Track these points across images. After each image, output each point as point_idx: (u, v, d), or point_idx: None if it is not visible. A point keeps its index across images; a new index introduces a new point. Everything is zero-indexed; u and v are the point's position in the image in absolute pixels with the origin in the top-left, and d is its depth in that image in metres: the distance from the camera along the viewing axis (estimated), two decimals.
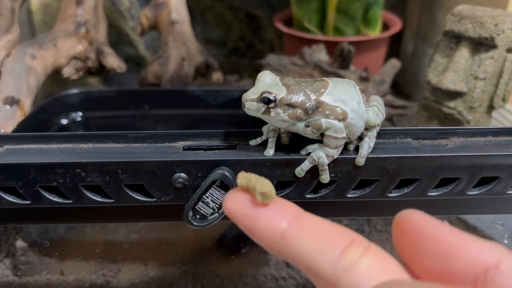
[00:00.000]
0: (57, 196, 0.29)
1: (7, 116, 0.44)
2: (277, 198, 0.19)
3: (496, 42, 0.42)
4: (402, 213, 0.18)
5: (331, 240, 0.18)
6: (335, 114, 0.26)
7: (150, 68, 0.64)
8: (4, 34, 0.46)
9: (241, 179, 0.19)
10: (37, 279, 0.39)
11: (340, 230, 0.18)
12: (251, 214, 0.19)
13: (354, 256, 0.17)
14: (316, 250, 0.17)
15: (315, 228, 0.18)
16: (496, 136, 0.30)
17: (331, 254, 0.17)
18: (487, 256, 0.16)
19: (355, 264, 0.17)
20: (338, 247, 0.17)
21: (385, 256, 0.17)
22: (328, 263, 0.17)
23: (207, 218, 0.28)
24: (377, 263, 0.17)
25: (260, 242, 0.19)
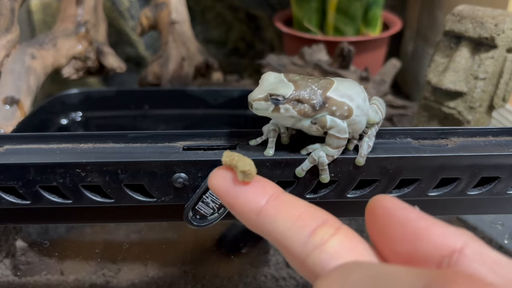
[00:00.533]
0: (57, 196, 0.29)
1: (7, 116, 0.44)
2: (258, 177, 0.20)
3: (496, 42, 0.42)
4: (374, 198, 0.19)
5: (303, 219, 0.18)
6: (341, 110, 0.26)
7: (150, 68, 0.64)
8: (4, 34, 0.46)
9: (225, 157, 0.20)
10: (37, 279, 0.39)
11: (314, 211, 0.19)
12: (232, 191, 0.20)
13: (324, 236, 0.18)
14: (288, 228, 0.18)
15: (291, 208, 0.19)
16: (496, 136, 0.30)
17: (302, 233, 0.18)
18: (453, 240, 0.16)
19: (324, 243, 0.17)
20: (310, 226, 0.18)
21: (355, 238, 0.18)
22: (299, 241, 0.18)
23: (207, 218, 0.28)
24: (345, 244, 0.18)
25: (239, 217, 0.20)
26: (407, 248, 0.17)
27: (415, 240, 0.17)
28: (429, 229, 0.17)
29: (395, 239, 0.17)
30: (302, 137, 0.29)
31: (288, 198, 0.20)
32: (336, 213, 0.19)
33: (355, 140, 0.28)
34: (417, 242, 0.17)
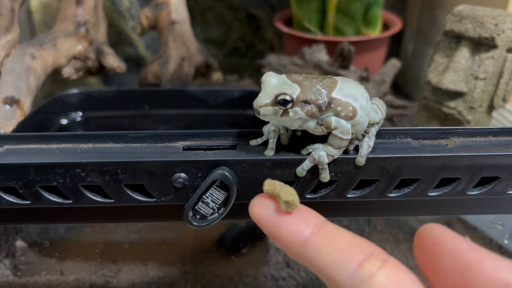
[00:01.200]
0: (57, 196, 0.29)
1: (7, 116, 0.44)
2: (301, 206, 0.20)
3: (496, 42, 0.42)
4: (423, 226, 0.18)
5: (350, 251, 0.18)
6: (346, 111, 0.26)
7: (150, 68, 0.64)
8: (4, 34, 0.46)
9: (267, 186, 0.20)
10: (37, 279, 0.39)
11: (360, 242, 0.19)
12: (275, 221, 0.20)
13: (371, 269, 0.17)
14: (335, 261, 0.18)
15: (336, 239, 0.19)
16: (496, 136, 0.30)
17: (349, 266, 0.18)
18: (506, 273, 0.16)
19: (372, 277, 0.17)
20: (357, 259, 0.18)
21: (403, 270, 0.18)
22: (345, 274, 0.18)
23: (207, 218, 0.28)
24: (393, 277, 0.17)
25: (282, 247, 0.20)
26: (458, 279, 0.17)
27: (466, 271, 0.16)
28: (481, 260, 0.16)
29: (445, 270, 0.17)
30: (302, 137, 0.28)
31: (332, 229, 0.19)
32: (336, 213, 0.19)
33: (356, 140, 0.28)
34: (468, 274, 0.16)
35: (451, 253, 0.17)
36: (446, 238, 0.17)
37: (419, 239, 0.18)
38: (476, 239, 0.42)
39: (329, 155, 0.27)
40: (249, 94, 0.54)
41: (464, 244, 0.17)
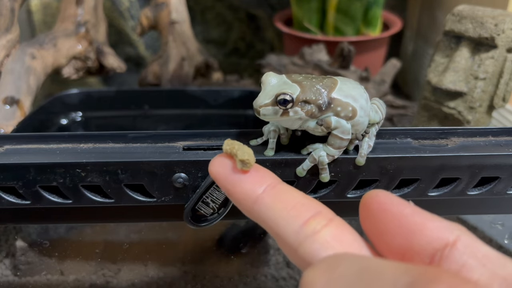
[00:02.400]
0: (57, 196, 0.29)
1: (7, 116, 0.44)
2: (257, 166, 0.21)
3: (496, 42, 0.42)
4: (368, 193, 0.19)
5: (298, 209, 0.19)
6: (346, 111, 0.26)
7: (150, 68, 0.64)
8: (4, 34, 0.46)
9: (225, 145, 0.21)
10: (37, 279, 0.39)
11: (309, 202, 0.20)
12: (231, 178, 0.21)
13: (316, 226, 0.18)
14: (282, 217, 0.19)
15: (286, 198, 0.20)
16: (496, 136, 0.30)
17: (295, 222, 0.19)
18: (446, 234, 0.17)
19: (316, 234, 0.18)
20: (303, 216, 0.19)
21: (348, 229, 0.19)
22: (292, 230, 0.19)
23: (207, 218, 0.28)
24: (337, 235, 0.18)
25: (237, 205, 0.21)
26: (402, 242, 0.17)
27: (409, 234, 0.17)
28: (424, 223, 0.17)
29: (390, 233, 0.18)
30: (302, 137, 0.28)
31: (284, 189, 0.20)
32: (336, 213, 0.19)
33: (355, 140, 0.28)
34: (411, 237, 0.17)
35: (395, 218, 0.18)
36: (391, 203, 0.18)
37: (365, 205, 0.19)
38: None
39: (329, 155, 0.27)
40: (249, 94, 0.54)
41: (408, 208, 0.18)
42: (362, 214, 0.19)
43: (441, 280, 0.13)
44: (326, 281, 0.16)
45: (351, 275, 0.15)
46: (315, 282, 0.16)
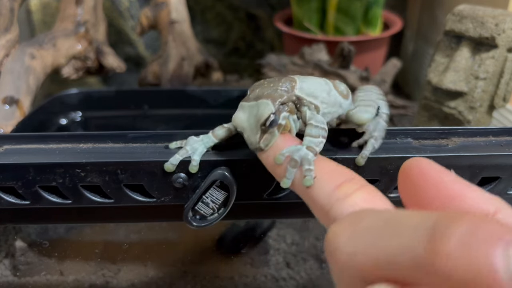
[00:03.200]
0: (56, 196, 0.28)
1: (6, 116, 0.44)
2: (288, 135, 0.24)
3: (497, 42, 0.42)
4: (409, 160, 0.19)
5: (331, 175, 0.20)
6: (311, 107, 0.26)
7: (150, 68, 0.63)
8: (3, 34, 0.46)
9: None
10: (36, 279, 0.39)
11: (342, 169, 0.21)
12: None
13: (348, 191, 0.19)
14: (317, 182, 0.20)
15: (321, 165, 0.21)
16: (497, 136, 0.30)
17: (328, 186, 0.20)
18: (486, 205, 0.17)
19: (347, 197, 0.19)
20: (336, 181, 0.20)
21: (378, 195, 0.19)
22: (325, 193, 0.20)
23: (206, 218, 0.28)
24: (367, 199, 0.19)
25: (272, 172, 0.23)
26: (440, 209, 0.17)
27: (448, 202, 0.17)
28: (464, 193, 0.17)
29: (428, 200, 0.17)
30: None
31: (319, 157, 0.22)
32: None
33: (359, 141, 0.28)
34: (450, 205, 0.17)
35: (435, 184, 0.17)
36: (432, 169, 0.18)
37: (405, 172, 0.19)
38: None
39: (311, 148, 0.23)
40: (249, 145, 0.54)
41: (449, 176, 0.17)
42: (401, 179, 0.19)
43: (462, 220, 0.13)
44: (351, 234, 0.16)
45: (376, 227, 0.15)
46: (339, 236, 0.16)
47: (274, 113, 0.24)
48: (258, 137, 0.24)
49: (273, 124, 0.23)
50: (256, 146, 0.24)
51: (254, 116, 0.24)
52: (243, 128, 0.25)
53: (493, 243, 0.12)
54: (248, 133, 0.24)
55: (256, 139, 0.24)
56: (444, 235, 0.13)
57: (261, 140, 0.24)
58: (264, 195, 0.29)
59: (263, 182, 0.28)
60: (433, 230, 0.13)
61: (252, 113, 0.24)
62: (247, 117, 0.24)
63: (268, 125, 0.23)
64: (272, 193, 0.29)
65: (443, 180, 0.17)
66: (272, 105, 0.24)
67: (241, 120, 0.25)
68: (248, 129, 0.24)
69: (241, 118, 0.25)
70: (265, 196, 0.29)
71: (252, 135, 0.24)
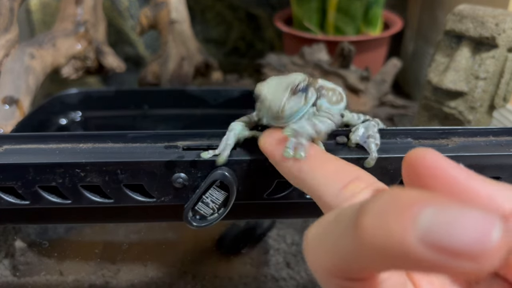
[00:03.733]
0: (56, 196, 0.28)
1: (6, 116, 0.44)
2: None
3: (497, 42, 0.42)
4: (414, 151, 0.18)
5: (338, 175, 0.20)
6: (335, 95, 0.27)
7: (150, 68, 0.63)
8: (3, 34, 0.46)
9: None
10: (36, 279, 0.39)
11: (349, 167, 0.21)
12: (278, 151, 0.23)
13: (354, 189, 0.19)
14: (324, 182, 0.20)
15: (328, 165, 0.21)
16: (497, 136, 0.30)
17: (335, 186, 0.19)
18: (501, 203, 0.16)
19: (354, 196, 0.19)
20: (343, 181, 0.19)
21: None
22: (332, 194, 0.19)
23: (206, 218, 0.28)
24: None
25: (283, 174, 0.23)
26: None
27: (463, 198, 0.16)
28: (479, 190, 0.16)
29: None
30: None
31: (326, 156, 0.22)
32: None
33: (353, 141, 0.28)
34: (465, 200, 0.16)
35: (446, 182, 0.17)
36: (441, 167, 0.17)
37: (410, 164, 0.18)
38: None
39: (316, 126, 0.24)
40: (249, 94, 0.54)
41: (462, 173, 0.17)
42: (405, 171, 0.18)
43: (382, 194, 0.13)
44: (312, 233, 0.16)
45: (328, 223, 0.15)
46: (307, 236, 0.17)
47: (307, 82, 0.24)
48: (285, 99, 0.23)
49: (303, 89, 0.24)
50: (279, 109, 0.23)
51: (284, 82, 0.24)
52: (266, 95, 0.24)
53: (405, 210, 0.12)
54: (271, 99, 0.24)
55: (281, 103, 0.23)
56: (365, 209, 0.13)
57: (286, 104, 0.23)
58: (264, 195, 0.29)
59: (263, 182, 0.28)
60: (359, 208, 0.13)
61: (282, 81, 0.24)
62: (275, 84, 0.24)
63: (299, 88, 0.24)
64: (272, 193, 0.29)
65: (456, 179, 0.16)
66: (305, 76, 0.25)
67: (267, 86, 0.24)
68: (272, 95, 0.24)
69: (267, 85, 0.24)
70: (265, 196, 0.29)
71: (277, 100, 0.23)
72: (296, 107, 0.24)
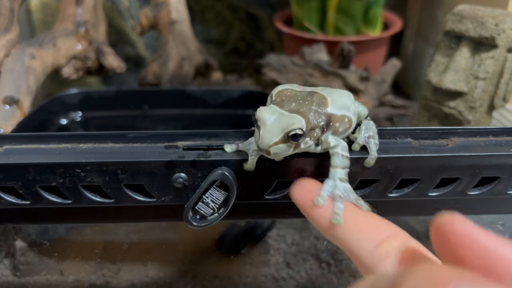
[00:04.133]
0: (56, 196, 0.28)
1: (6, 116, 0.44)
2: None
3: (497, 42, 0.42)
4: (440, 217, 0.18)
5: (372, 231, 0.20)
6: (343, 125, 0.26)
7: (150, 68, 0.63)
8: (3, 34, 0.46)
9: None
10: (36, 279, 0.39)
11: (383, 224, 0.21)
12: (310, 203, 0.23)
13: (388, 248, 0.19)
14: (358, 239, 0.20)
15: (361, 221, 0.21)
16: (497, 136, 0.30)
17: (370, 244, 0.20)
18: None
19: (388, 255, 0.19)
20: (377, 238, 0.20)
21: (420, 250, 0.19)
22: (367, 251, 0.20)
23: (206, 218, 0.28)
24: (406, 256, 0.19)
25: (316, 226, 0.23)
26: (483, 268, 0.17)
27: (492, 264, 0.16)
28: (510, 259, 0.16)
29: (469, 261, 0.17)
30: None
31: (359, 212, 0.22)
32: None
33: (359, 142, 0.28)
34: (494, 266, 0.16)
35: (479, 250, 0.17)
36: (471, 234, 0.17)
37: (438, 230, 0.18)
38: None
39: (341, 180, 0.25)
40: (249, 94, 0.54)
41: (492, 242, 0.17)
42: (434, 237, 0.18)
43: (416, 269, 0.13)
44: None
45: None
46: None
47: (304, 132, 0.24)
48: (275, 141, 0.23)
49: (296, 139, 0.23)
50: (267, 147, 0.23)
51: (283, 122, 0.24)
52: (264, 123, 0.24)
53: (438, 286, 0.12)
54: (266, 130, 0.24)
55: (271, 141, 0.23)
56: (400, 285, 0.13)
57: (275, 146, 0.23)
58: (264, 195, 0.29)
59: (263, 182, 0.28)
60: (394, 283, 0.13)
61: (282, 119, 0.24)
62: (275, 119, 0.24)
63: (292, 137, 0.23)
64: (272, 193, 0.29)
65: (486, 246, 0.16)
66: (304, 124, 0.24)
67: (267, 117, 0.24)
68: (268, 127, 0.24)
69: (268, 115, 0.24)
70: (265, 196, 0.29)
71: (270, 135, 0.23)
72: (283, 153, 0.24)
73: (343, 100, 0.26)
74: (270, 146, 0.23)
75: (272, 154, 0.24)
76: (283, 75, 0.61)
